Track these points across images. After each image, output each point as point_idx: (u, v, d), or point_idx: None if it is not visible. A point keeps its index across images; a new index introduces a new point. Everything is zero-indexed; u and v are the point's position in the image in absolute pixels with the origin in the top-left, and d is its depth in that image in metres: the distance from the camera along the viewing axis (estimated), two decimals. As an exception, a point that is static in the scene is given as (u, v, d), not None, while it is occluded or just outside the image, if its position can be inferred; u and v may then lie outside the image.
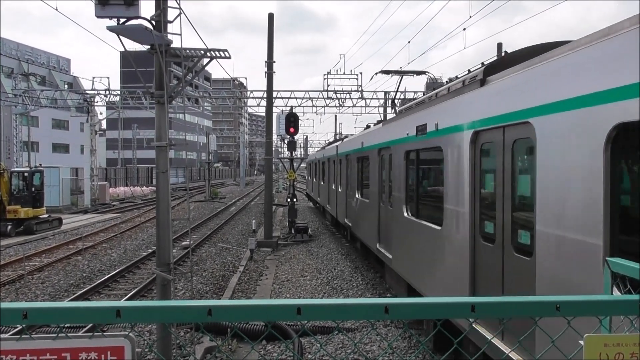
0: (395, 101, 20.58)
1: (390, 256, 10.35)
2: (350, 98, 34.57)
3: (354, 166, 15.61)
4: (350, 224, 16.53)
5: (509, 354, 4.60)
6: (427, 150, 7.86)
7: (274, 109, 27.72)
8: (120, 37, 7.43)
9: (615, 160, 3.58)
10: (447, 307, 1.57)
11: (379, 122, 14.79)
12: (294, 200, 22.55)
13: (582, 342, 1.60)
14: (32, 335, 1.55)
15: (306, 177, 43.52)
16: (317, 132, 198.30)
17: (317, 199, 29.12)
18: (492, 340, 5.10)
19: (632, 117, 3.31)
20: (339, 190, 19.08)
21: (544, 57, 4.67)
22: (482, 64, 6.61)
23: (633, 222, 3.57)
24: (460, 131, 6.23)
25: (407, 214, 9.13)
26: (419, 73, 15.53)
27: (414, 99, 34.92)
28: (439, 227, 7.08)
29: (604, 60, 3.68)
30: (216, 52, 8.02)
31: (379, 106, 35.52)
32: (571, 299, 1.57)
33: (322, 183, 25.48)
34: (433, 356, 7.90)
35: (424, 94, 37.68)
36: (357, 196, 14.96)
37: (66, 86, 59.59)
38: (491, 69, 6.03)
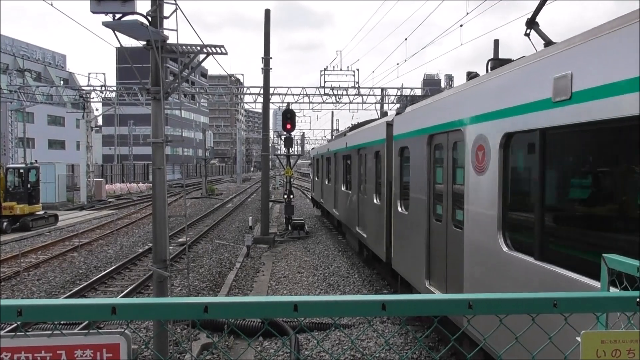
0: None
1: None
2: (347, 95, 34.56)
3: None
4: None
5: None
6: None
7: (271, 106, 27.67)
8: (116, 33, 7.39)
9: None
10: (444, 304, 1.57)
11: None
12: (291, 196, 22.54)
13: (579, 339, 1.60)
14: (27, 333, 1.54)
15: (311, 177, 35.73)
16: (313, 128, 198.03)
17: (334, 210, 19.84)
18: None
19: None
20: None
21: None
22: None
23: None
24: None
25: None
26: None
27: (407, 96, 35.05)
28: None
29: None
30: (212, 48, 7.99)
31: (375, 103, 35.52)
32: (569, 295, 1.57)
33: (346, 190, 17.05)
34: (430, 352, 7.92)
35: (421, 91, 37.79)
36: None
37: (62, 82, 59.32)
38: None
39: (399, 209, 9.72)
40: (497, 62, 6.28)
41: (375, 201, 11.97)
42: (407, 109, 9.91)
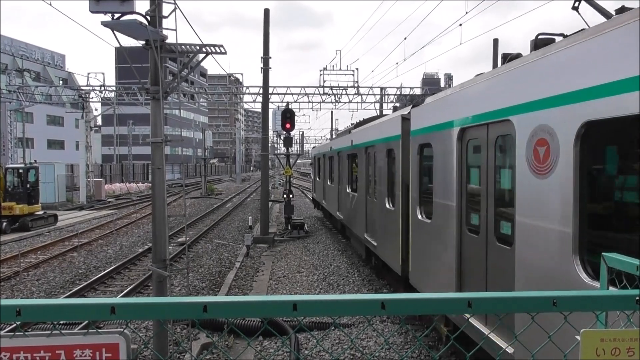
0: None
1: None
2: (347, 94, 34.54)
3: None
4: None
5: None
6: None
7: (270, 105, 27.66)
8: (115, 32, 7.38)
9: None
10: (444, 303, 1.57)
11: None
12: (291, 196, 22.54)
13: (578, 338, 1.60)
14: (26, 333, 1.54)
15: (312, 177, 32.51)
16: (313, 127, 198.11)
17: (337, 213, 18.67)
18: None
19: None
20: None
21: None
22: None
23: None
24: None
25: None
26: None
27: (407, 95, 35.03)
28: None
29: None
30: (212, 48, 7.99)
31: (375, 102, 35.52)
32: (568, 294, 1.57)
33: (351, 192, 15.77)
34: (429, 351, 7.92)
35: (421, 91, 37.71)
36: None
37: (61, 82, 59.28)
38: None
39: (419, 216, 8.34)
40: (546, 39, 5.10)
41: (387, 206, 10.50)
42: (427, 100, 8.42)
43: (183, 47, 7.90)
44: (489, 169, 5.76)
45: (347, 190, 16.17)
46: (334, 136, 33.97)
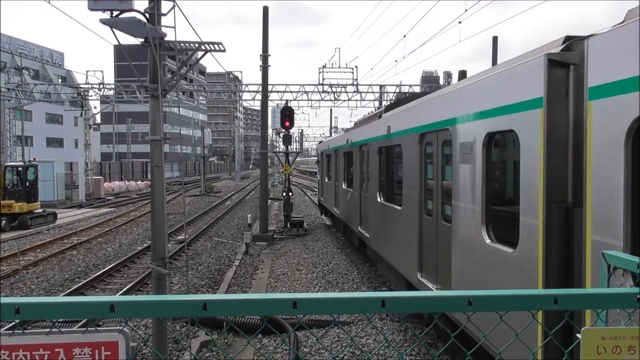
0: None
1: None
2: (346, 92, 34.52)
3: None
4: None
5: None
6: None
7: (269, 103, 27.63)
8: (114, 30, 7.36)
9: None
10: (444, 301, 1.56)
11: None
12: (290, 194, 22.53)
13: (579, 336, 1.60)
14: (25, 331, 1.53)
15: (318, 177, 27.22)
16: (312, 125, 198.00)
17: (359, 230, 13.54)
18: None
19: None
20: None
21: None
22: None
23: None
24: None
25: None
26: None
27: (406, 93, 34.99)
28: None
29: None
30: (211, 45, 7.97)
31: (374, 100, 35.49)
32: (569, 292, 1.56)
33: (387, 202, 10.72)
34: (429, 349, 7.93)
35: (420, 88, 37.63)
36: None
37: (60, 80, 59.18)
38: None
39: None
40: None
41: (487, 240, 5.59)
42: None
43: (182, 44, 7.89)
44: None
45: (379, 200, 11.13)
46: (357, 122, 31.52)
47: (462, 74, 16.37)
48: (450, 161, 6.65)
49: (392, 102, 14.62)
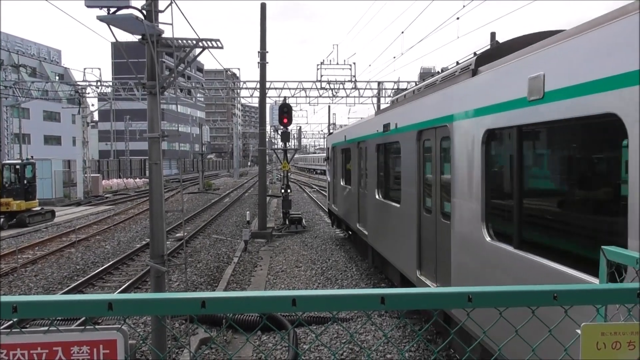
0: None
1: None
2: (344, 88, 34.49)
3: None
4: None
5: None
6: None
7: (267, 100, 27.60)
8: (111, 27, 7.34)
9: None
10: (444, 298, 1.56)
11: None
12: (288, 191, 22.53)
13: (579, 332, 1.60)
14: (23, 329, 1.52)
15: (328, 178, 20.34)
16: (310, 122, 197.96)
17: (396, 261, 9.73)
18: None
19: None
20: None
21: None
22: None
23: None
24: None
25: None
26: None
27: (404, 89, 34.99)
28: None
29: None
30: (208, 42, 7.95)
31: (372, 96, 35.48)
32: (569, 288, 1.56)
33: (441, 219, 7.23)
34: (428, 345, 7.94)
35: (416, 84, 37.60)
36: None
37: (57, 77, 59.04)
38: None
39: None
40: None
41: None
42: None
43: (179, 41, 7.86)
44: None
45: (428, 215, 7.79)
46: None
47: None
48: None
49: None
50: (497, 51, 6.34)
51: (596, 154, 4.29)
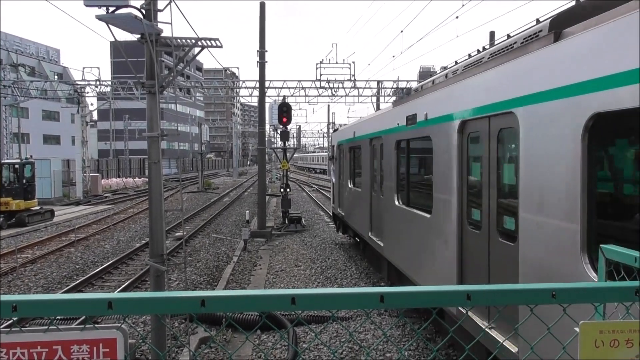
0: None
1: None
2: (343, 87, 34.47)
3: None
4: None
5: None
6: None
7: (267, 99, 27.59)
8: (110, 26, 7.33)
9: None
10: (443, 296, 1.56)
11: None
12: (287, 190, 22.53)
13: (577, 330, 1.60)
14: (23, 328, 1.53)
15: (333, 179, 18.75)
16: (310, 121, 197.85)
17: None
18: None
19: None
20: None
21: None
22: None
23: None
24: None
25: None
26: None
27: (404, 88, 34.99)
28: None
29: None
30: (207, 41, 7.94)
31: (371, 95, 35.46)
32: (567, 286, 1.57)
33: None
34: (427, 344, 7.95)
35: (418, 84, 37.52)
36: None
37: (56, 77, 59.01)
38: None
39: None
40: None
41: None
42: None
43: (178, 40, 7.86)
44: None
45: (498, 240, 5.51)
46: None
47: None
48: None
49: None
50: (581, 10, 4.81)
51: None
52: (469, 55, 7.45)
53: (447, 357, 7.35)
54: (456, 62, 7.70)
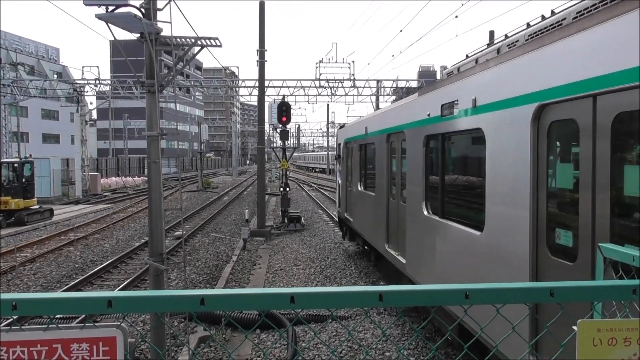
0: None
1: None
2: (343, 87, 34.48)
3: None
4: None
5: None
6: None
7: (266, 98, 27.59)
8: (110, 25, 7.33)
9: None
10: (441, 294, 1.57)
11: None
12: (287, 189, 22.53)
13: (575, 328, 1.61)
14: (23, 327, 1.53)
15: (340, 181, 17.16)
16: (309, 121, 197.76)
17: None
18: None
19: None
20: None
21: None
22: None
23: None
24: None
25: None
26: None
27: (403, 88, 35.01)
28: None
29: None
30: (207, 41, 7.94)
31: (371, 95, 35.47)
32: (565, 284, 1.57)
33: None
34: (427, 343, 7.96)
35: (417, 83, 37.52)
36: None
37: (55, 76, 58.97)
38: None
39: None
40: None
41: None
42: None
43: (178, 40, 7.85)
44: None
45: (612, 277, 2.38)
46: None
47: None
48: None
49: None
50: None
51: None
52: (527, 24, 5.98)
53: (447, 355, 7.36)
54: (506, 36, 6.39)
